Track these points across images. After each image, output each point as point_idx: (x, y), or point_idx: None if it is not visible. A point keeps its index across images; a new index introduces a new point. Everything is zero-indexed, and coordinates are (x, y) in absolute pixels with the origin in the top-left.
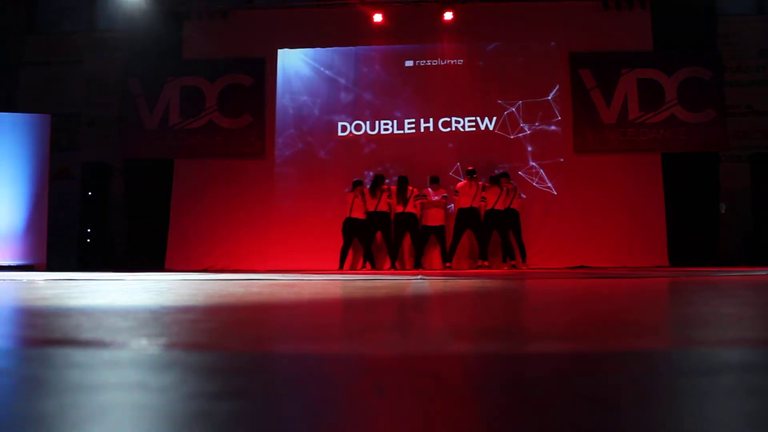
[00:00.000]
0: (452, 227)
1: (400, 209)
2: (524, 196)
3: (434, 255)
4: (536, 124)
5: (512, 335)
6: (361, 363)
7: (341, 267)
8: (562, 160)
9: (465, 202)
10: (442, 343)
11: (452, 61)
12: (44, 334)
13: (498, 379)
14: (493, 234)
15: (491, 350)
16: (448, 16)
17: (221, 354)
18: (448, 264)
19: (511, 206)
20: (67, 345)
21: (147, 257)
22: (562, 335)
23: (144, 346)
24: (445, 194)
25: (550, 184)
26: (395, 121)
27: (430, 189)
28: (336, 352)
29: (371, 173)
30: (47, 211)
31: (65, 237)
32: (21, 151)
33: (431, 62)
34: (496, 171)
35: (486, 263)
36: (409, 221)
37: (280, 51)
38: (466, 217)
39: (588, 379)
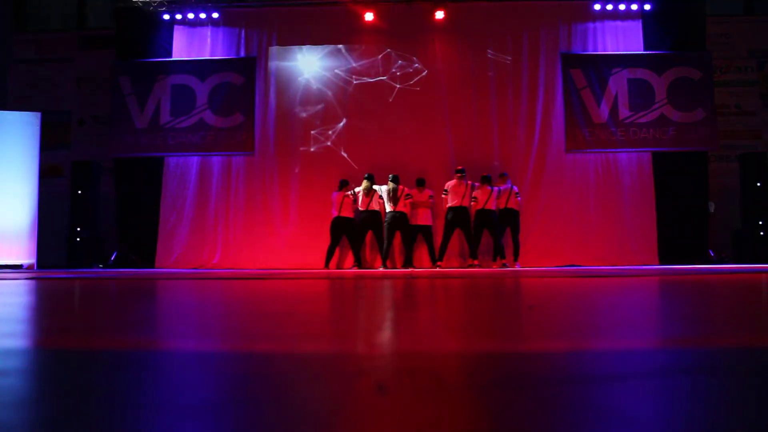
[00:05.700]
0: (441, 227)
1: (391, 208)
2: (519, 198)
3: (424, 254)
4: (527, 123)
5: (510, 334)
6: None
7: (327, 266)
8: (552, 159)
9: (454, 201)
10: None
11: (443, 61)
12: None
13: (496, 377)
14: (484, 233)
15: (488, 348)
16: (440, 15)
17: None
18: (438, 263)
19: (508, 206)
20: None
21: (137, 256)
22: (558, 333)
23: None
24: (431, 195)
25: (540, 184)
26: (386, 119)
27: (416, 190)
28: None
29: (361, 172)
30: (37, 209)
31: (55, 235)
32: (11, 149)
33: (422, 61)
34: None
35: (476, 262)
36: (399, 221)
37: (270, 49)
38: (456, 217)
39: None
